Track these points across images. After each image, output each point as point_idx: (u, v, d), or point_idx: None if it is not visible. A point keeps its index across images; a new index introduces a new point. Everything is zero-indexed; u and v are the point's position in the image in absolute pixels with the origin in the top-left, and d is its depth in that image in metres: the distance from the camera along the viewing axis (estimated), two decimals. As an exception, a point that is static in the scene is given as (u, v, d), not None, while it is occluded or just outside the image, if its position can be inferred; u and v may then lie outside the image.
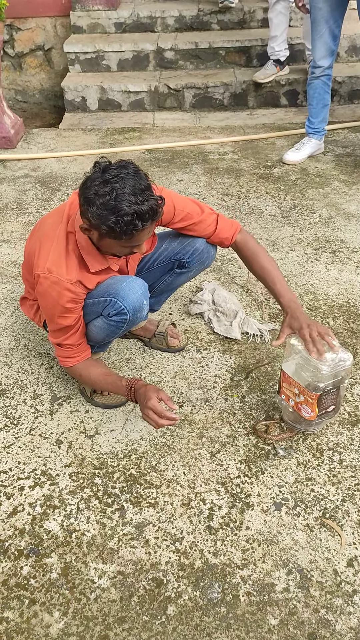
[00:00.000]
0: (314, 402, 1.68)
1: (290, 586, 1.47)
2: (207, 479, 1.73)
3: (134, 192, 1.47)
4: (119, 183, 1.47)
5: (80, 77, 4.61)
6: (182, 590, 1.46)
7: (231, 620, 1.40)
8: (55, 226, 1.71)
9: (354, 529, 1.59)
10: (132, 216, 1.46)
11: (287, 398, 1.78)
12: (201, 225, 1.88)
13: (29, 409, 1.98)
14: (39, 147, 4.04)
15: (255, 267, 1.88)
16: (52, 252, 1.66)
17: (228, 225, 1.90)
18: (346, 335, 2.26)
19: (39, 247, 1.70)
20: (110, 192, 1.47)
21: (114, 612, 1.42)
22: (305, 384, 1.69)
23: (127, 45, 4.60)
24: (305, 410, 1.73)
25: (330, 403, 1.73)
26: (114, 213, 1.46)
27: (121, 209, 1.46)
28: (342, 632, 1.38)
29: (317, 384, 1.66)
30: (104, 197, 1.47)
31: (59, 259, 1.65)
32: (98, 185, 1.49)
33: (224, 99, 4.49)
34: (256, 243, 1.91)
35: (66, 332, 1.74)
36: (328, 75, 3.37)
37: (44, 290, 1.67)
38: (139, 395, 1.66)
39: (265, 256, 1.88)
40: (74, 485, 1.72)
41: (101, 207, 1.47)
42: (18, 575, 1.50)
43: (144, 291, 1.77)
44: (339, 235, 2.92)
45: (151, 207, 1.49)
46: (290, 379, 1.73)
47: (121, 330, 1.83)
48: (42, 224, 1.81)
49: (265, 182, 3.45)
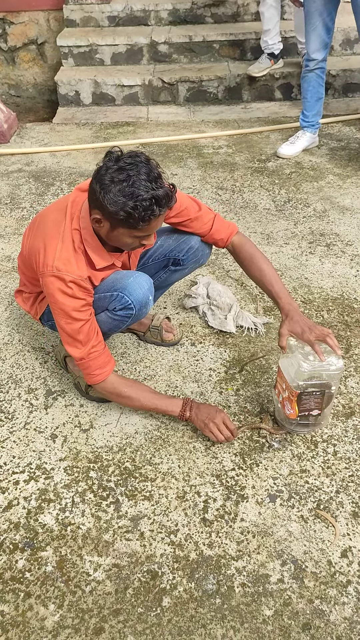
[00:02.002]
0: (293, 399, 1.69)
1: (284, 577, 1.48)
2: (202, 472, 1.74)
3: (149, 178, 1.49)
4: (134, 170, 1.49)
5: (73, 71, 4.60)
6: (177, 582, 1.47)
7: (226, 611, 1.41)
8: (58, 224, 1.68)
9: (348, 520, 1.60)
10: (149, 201, 1.48)
11: (278, 393, 1.79)
12: (197, 222, 1.88)
13: (24, 404, 1.98)
14: (33, 141, 4.03)
15: (252, 269, 1.87)
16: (60, 250, 1.63)
17: (225, 226, 1.90)
18: (340, 328, 2.27)
19: (43, 247, 1.66)
20: (127, 179, 1.48)
21: (109, 605, 1.43)
22: (289, 380, 1.69)
23: (120, 39, 4.58)
24: (287, 407, 1.74)
25: (313, 406, 1.72)
26: (132, 198, 1.47)
27: (139, 195, 1.47)
28: (337, 622, 1.39)
29: (297, 381, 1.66)
30: (120, 183, 1.48)
31: (68, 256, 1.63)
32: (113, 172, 1.49)
33: (218, 93, 4.48)
34: (253, 245, 1.90)
35: (90, 326, 1.67)
36: (322, 68, 3.37)
37: (55, 288, 1.62)
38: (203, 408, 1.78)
39: (263, 258, 1.87)
40: (69, 479, 1.73)
41: (118, 193, 1.48)
42: (13, 569, 1.50)
43: (150, 287, 1.78)
44: (333, 228, 2.92)
45: (166, 192, 1.51)
46: (282, 373, 1.74)
47: (124, 325, 1.83)
48: (43, 220, 1.76)
49: (260, 175, 3.45)
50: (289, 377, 1.69)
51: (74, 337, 1.68)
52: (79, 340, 1.67)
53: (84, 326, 1.66)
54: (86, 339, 1.67)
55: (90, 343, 1.68)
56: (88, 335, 1.68)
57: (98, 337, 1.71)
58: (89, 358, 1.69)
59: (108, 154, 1.55)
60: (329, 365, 1.64)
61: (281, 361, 1.76)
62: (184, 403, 1.79)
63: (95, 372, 1.72)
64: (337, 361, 1.65)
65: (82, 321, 1.66)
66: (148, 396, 1.78)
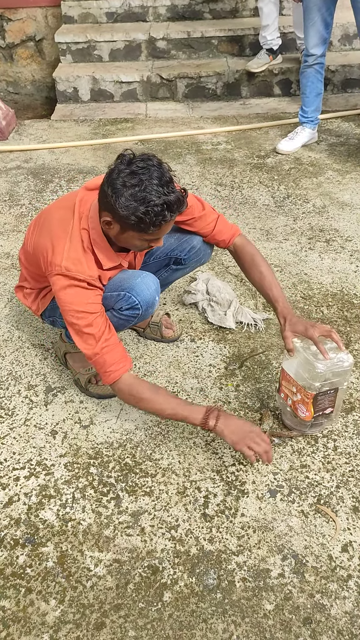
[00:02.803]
0: (309, 401, 1.68)
1: (285, 572, 1.48)
2: (202, 467, 1.74)
3: (161, 183, 1.48)
4: (146, 174, 1.47)
5: (71, 67, 4.59)
6: (178, 577, 1.47)
7: (227, 605, 1.41)
8: (65, 223, 1.67)
9: (348, 514, 1.60)
10: (161, 207, 1.47)
11: (285, 397, 1.77)
12: (200, 222, 1.87)
13: (24, 400, 1.98)
14: (31, 138, 4.02)
15: (253, 272, 1.86)
16: (69, 250, 1.62)
17: (227, 228, 1.90)
18: (340, 324, 2.27)
19: (51, 247, 1.65)
20: (139, 184, 1.47)
21: (110, 600, 1.43)
22: (302, 382, 1.67)
23: (118, 35, 4.57)
24: (301, 410, 1.72)
25: (327, 405, 1.72)
26: (144, 204, 1.46)
27: (151, 200, 1.46)
28: (337, 616, 1.39)
29: (313, 383, 1.64)
30: (132, 188, 1.47)
31: (77, 256, 1.62)
32: (125, 176, 1.48)
33: (217, 89, 4.47)
34: (255, 248, 1.90)
35: (103, 319, 1.64)
36: (321, 63, 3.36)
37: (66, 286, 1.61)
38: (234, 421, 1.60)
39: (263, 261, 1.86)
40: (69, 475, 1.73)
41: (130, 198, 1.47)
42: (14, 565, 1.51)
43: (157, 287, 1.78)
44: (332, 224, 2.92)
45: (178, 198, 1.51)
46: (289, 376, 1.72)
47: (130, 325, 1.83)
48: (49, 217, 1.75)
49: (259, 171, 3.44)
50: (302, 379, 1.67)
51: (86, 332, 1.61)
52: (92, 334, 1.61)
53: (97, 319, 1.62)
54: (99, 333, 1.61)
55: (104, 337, 1.62)
56: (100, 328, 1.62)
57: (111, 331, 1.65)
58: (102, 352, 1.61)
59: (120, 157, 1.54)
60: (342, 362, 1.64)
61: (285, 364, 1.74)
62: (207, 410, 1.59)
63: (110, 369, 1.62)
64: (347, 357, 1.65)
65: (94, 314, 1.62)
66: (168, 400, 1.63)
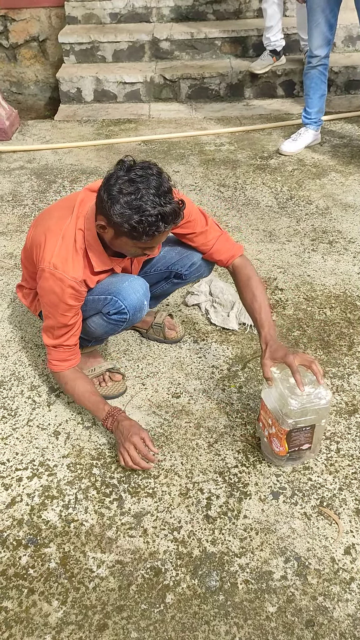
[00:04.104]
0: (282, 437, 1.60)
1: (288, 574, 1.48)
2: (205, 469, 1.74)
3: (158, 193, 1.46)
4: (143, 183, 1.46)
5: (75, 68, 4.59)
6: (181, 579, 1.47)
7: (229, 607, 1.41)
8: (62, 220, 1.67)
9: (351, 517, 1.60)
10: (156, 217, 1.46)
11: (263, 427, 1.71)
12: (200, 238, 1.85)
13: (27, 401, 1.98)
14: (34, 138, 4.02)
15: (246, 292, 1.81)
16: (59, 248, 1.63)
17: (227, 247, 1.86)
18: (343, 326, 2.27)
19: (44, 241, 1.67)
20: (136, 192, 1.45)
21: (113, 601, 1.43)
22: (277, 416, 1.60)
23: (122, 35, 4.58)
24: (275, 444, 1.65)
25: (303, 441, 1.64)
26: (138, 213, 1.45)
27: (145, 210, 1.45)
28: (340, 618, 1.39)
29: (286, 419, 1.57)
30: (129, 195, 1.46)
31: (66, 255, 1.63)
32: (123, 183, 1.47)
33: (220, 90, 4.47)
34: (253, 270, 1.85)
35: (67, 330, 1.72)
36: (325, 65, 3.36)
37: (48, 286, 1.64)
38: (122, 427, 1.67)
39: (258, 284, 1.81)
40: (72, 476, 1.73)
41: (125, 205, 1.46)
42: (17, 565, 1.51)
43: (145, 291, 1.77)
44: (335, 225, 2.92)
45: (174, 209, 1.49)
46: (267, 407, 1.65)
47: (120, 329, 1.83)
48: (48, 215, 1.76)
49: (262, 173, 3.44)
50: (276, 413, 1.60)
51: (51, 329, 1.73)
52: (55, 334, 1.73)
53: (63, 320, 1.69)
54: (62, 337, 1.73)
55: (62, 341, 1.73)
56: (65, 336, 1.73)
57: (72, 340, 1.75)
58: (55, 350, 1.75)
59: (120, 163, 1.53)
60: (319, 399, 1.56)
61: (264, 393, 1.67)
62: (108, 413, 1.70)
63: (53, 362, 1.78)
64: (326, 394, 1.57)
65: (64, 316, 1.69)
66: (83, 395, 1.75)
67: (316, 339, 2.21)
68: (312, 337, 2.22)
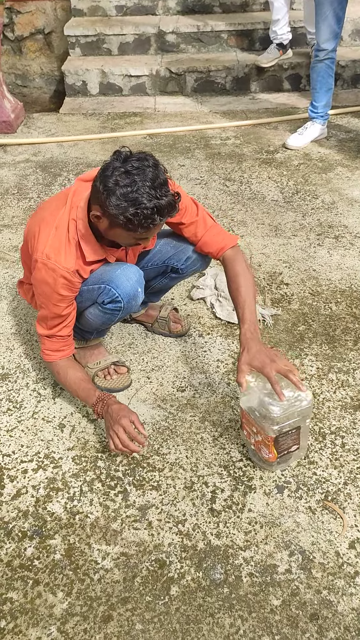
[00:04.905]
0: (270, 444, 1.57)
1: (292, 567, 1.48)
2: (210, 462, 1.74)
3: (154, 185, 1.45)
4: (140, 175, 1.45)
5: (80, 60, 4.58)
6: (185, 571, 1.47)
7: (234, 600, 1.41)
8: (56, 211, 1.68)
9: (355, 511, 1.60)
10: (151, 210, 1.45)
11: (248, 435, 1.67)
12: (191, 228, 1.83)
13: (32, 393, 1.99)
14: (40, 131, 4.02)
15: (231, 287, 1.77)
16: (53, 238, 1.64)
17: (217, 240, 1.83)
18: (349, 321, 2.26)
19: (38, 231, 1.68)
20: (132, 184, 1.45)
21: (118, 593, 1.43)
22: (261, 424, 1.56)
23: (128, 28, 4.56)
24: (264, 452, 1.62)
25: (291, 444, 1.62)
26: (134, 205, 1.45)
27: (141, 202, 1.44)
28: (344, 612, 1.39)
29: (271, 427, 1.53)
30: (125, 187, 1.45)
31: (59, 245, 1.63)
32: (119, 175, 1.46)
33: (226, 83, 4.45)
34: (243, 263, 1.79)
35: (60, 321, 1.73)
36: (332, 58, 3.34)
37: (41, 276, 1.65)
38: (111, 410, 1.66)
39: (245, 278, 1.75)
40: (77, 468, 1.73)
41: (121, 197, 1.45)
42: (22, 557, 1.51)
43: (139, 278, 1.76)
44: (341, 220, 2.91)
45: (169, 202, 1.48)
46: (249, 416, 1.61)
47: (117, 318, 1.83)
48: (44, 207, 1.78)
49: (268, 167, 3.43)
50: (259, 421, 1.56)
51: (45, 319, 1.74)
52: (48, 324, 1.75)
53: (57, 310, 1.70)
54: (55, 327, 1.75)
55: (55, 331, 1.75)
56: (58, 326, 1.74)
57: (65, 331, 1.76)
58: (49, 340, 1.77)
59: (116, 153, 1.52)
60: (300, 401, 1.54)
61: (243, 401, 1.62)
62: (98, 398, 1.71)
63: (46, 352, 1.80)
64: (306, 395, 1.54)
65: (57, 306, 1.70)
66: (74, 382, 1.77)
67: (322, 334, 2.20)
68: (318, 331, 2.21)
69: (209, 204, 3.05)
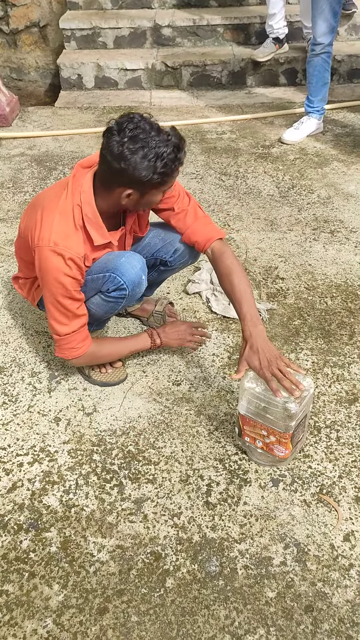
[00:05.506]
0: (287, 440, 1.58)
1: (287, 560, 1.49)
2: (205, 456, 1.74)
3: (158, 133, 1.51)
4: (143, 133, 1.50)
5: (76, 54, 4.55)
6: (181, 564, 1.48)
7: (229, 592, 1.42)
8: (56, 199, 1.66)
9: (350, 504, 1.61)
10: (173, 152, 1.51)
11: (252, 440, 1.66)
12: (180, 216, 1.83)
13: (27, 387, 1.98)
14: (35, 125, 4.00)
15: (225, 282, 1.76)
16: (58, 224, 1.61)
17: (206, 231, 1.83)
18: (344, 315, 2.27)
19: (40, 220, 1.65)
20: (144, 145, 1.49)
21: (113, 585, 1.44)
22: (276, 426, 1.57)
23: (123, 21, 4.53)
24: (278, 450, 1.61)
25: (301, 433, 1.65)
26: (159, 159, 1.50)
27: (162, 152, 1.50)
28: (339, 604, 1.40)
29: (289, 424, 1.55)
30: (141, 150, 1.49)
31: (66, 231, 1.62)
32: (128, 144, 1.49)
33: (222, 78, 4.44)
34: (233, 256, 1.78)
35: (80, 304, 1.70)
36: (328, 52, 3.34)
37: (50, 264, 1.61)
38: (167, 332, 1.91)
39: (238, 273, 1.74)
40: (73, 462, 1.73)
41: (145, 159, 1.49)
42: (18, 549, 1.51)
43: (142, 266, 1.77)
44: (337, 215, 2.91)
45: (177, 135, 1.54)
46: (254, 421, 1.61)
47: (120, 306, 1.83)
48: (41, 197, 1.76)
49: (264, 161, 3.43)
50: (275, 423, 1.56)
51: (64, 312, 1.68)
52: (69, 315, 1.69)
53: (76, 298, 1.68)
54: (78, 310, 1.71)
55: (79, 318, 1.72)
56: (80, 309, 1.71)
57: (84, 310, 1.74)
58: (76, 333, 1.73)
59: (108, 131, 1.53)
60: (307, 391, 1.56)
61: (241, 409, 1.62)
62: (149, 335, 1.89)
63: (78, 346, 1.75)
64: (308, 383, 1.58)
65: (75, 292, 1.67)
66: (117, 348, 1.88)
67: (317, 328, 2.21)
68: (313, 326, 2.22)
69: (204, 199, 3.05)
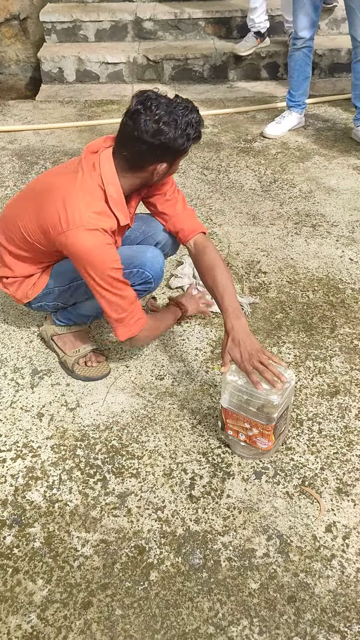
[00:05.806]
0: (270, 432, 1.60)
1: (270, 551, 1.50)
2: (189, 450, 1.75)
3: (178, 101, 1.60)
4: (169, 106, 1.57)
5: (56, 47, 4.51)
6: (165, 557, 1.48)
7: (212, 584, 1.43)
8: (73, 182, 1.65)
9: (332, 496, 1.62)
10: (197, 115, 1.61)
11: (235, 433, 1.67)
12: (170, 203, 1.89)
13: (10, 383, 1.97)
14: (16, 119, 3.96)
15: (207, 277, 1.79)
16: (87, 205, 1.61)
17: (192, 221, 1.91)
18: (326, 309, 2.28)
19: (63, 206, 1.61)
20: (175, 117, 1.56)
21: (97, 579, 1.44)
22: (257, 418, 1.58)
23: (104, 15, 4.50)
24: (261, 442, 1.63)
25: (282, 425, 1.66)
26: (189, 125, 1.59)
27: (190, 118, 1.59)
28: (321, 594, 1.41)
29: (272, 415, 1.56)
30: (174, 122, 1.56)
31: (97, 209, 1.63)
32: (162, 117, 1.55)
33: (204, 72, 4.43)
34: (214, 251, 1.83)
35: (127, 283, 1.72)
36: (309, 47, 3.35)
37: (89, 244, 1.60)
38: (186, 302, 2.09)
39: (220, 267, 1.77)
40: (56, 457, 1.73)
41: (178, 130, 1.57)
42: (1, 545, 1.51)
43: (163, 260, 1.88)
44: (319, 209, 2.93)
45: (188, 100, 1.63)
46: (237, 414, 1.62)
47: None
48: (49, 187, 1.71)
49: (246, 156, 3.43)
50: (256, 416, 1.58)
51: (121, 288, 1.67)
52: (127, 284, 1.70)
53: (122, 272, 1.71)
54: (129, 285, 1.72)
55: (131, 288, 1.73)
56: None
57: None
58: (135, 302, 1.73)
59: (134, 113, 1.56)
60: (289, 383, 1.59)
61: (224, 403, 1.63)
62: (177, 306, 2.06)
63: (141, 315, 1.75)
64: (290, 375, 1.61)
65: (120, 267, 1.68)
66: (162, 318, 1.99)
67: (299, 322, 2.22)
68: (295, 319, 2.23)
69: (187, 193, 3.04)
